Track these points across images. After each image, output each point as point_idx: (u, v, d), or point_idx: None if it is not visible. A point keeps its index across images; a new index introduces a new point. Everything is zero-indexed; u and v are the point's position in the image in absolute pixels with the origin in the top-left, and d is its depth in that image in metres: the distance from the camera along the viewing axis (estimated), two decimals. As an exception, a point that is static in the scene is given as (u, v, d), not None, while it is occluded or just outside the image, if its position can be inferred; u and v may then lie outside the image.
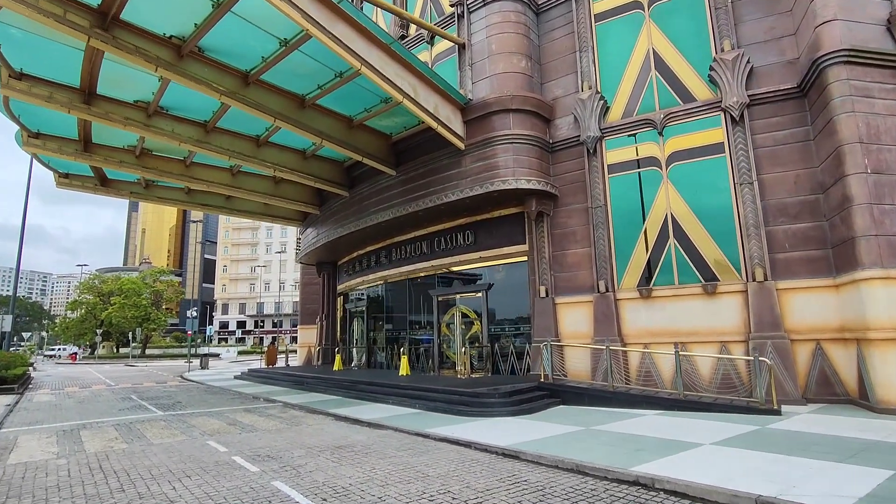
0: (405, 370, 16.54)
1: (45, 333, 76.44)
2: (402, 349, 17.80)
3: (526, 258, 14.72)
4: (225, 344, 78.06)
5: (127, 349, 56.01)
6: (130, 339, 51.58)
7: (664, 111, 12.59)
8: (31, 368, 28.12)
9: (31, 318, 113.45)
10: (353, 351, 22.86)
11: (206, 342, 61.38)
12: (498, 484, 5.95)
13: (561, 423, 9.47)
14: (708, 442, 7.34)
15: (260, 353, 45.20)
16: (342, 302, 24.53)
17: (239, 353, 58.92)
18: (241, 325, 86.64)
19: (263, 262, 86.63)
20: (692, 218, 11.94)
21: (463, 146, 14.22)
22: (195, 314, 34.64)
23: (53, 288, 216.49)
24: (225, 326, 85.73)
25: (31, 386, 21.96)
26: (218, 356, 52.66)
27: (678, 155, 12.34)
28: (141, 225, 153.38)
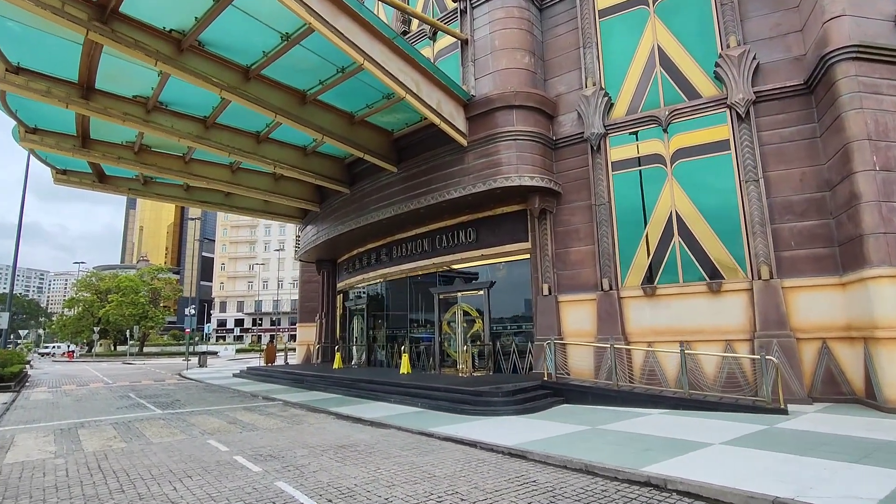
0: (406, 368, 16.44)
1: (41, 331, 76.10)
2: (402, 347, 17.69)
3: (528, 256, 14.61)
4: (223, 342, 77.81)
5: (124, 347, 55.83)
6: (128, 336, 51.35)
7: (669, 108, 12.49)
8: (28, 366, 27.92)
9: (27, 315, 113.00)
10: (352, 349, 22.73)
11: (203, 340, 61.13)
12: (507, 485, 5.85)
13: (566, 422, 9.37)
14: (717, 441, 7.25)
15: (258, 351, 45.03)
16: (342, 300, 24.39)
17: (237, 351, 58.61)
18: (238, 323, 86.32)
19: (262, 259, 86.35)
20: (697, 215, 11.84)
21: (465, 143, 14.09)
22: (193, 312, 34.47)
23: (50, 285, 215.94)
24: (223, 324, 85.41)
25: (28, 384, 21.78)
26: (216, 354, 52.49)
27: (683, 152, 12.24)
28: (139, 222, 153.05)
